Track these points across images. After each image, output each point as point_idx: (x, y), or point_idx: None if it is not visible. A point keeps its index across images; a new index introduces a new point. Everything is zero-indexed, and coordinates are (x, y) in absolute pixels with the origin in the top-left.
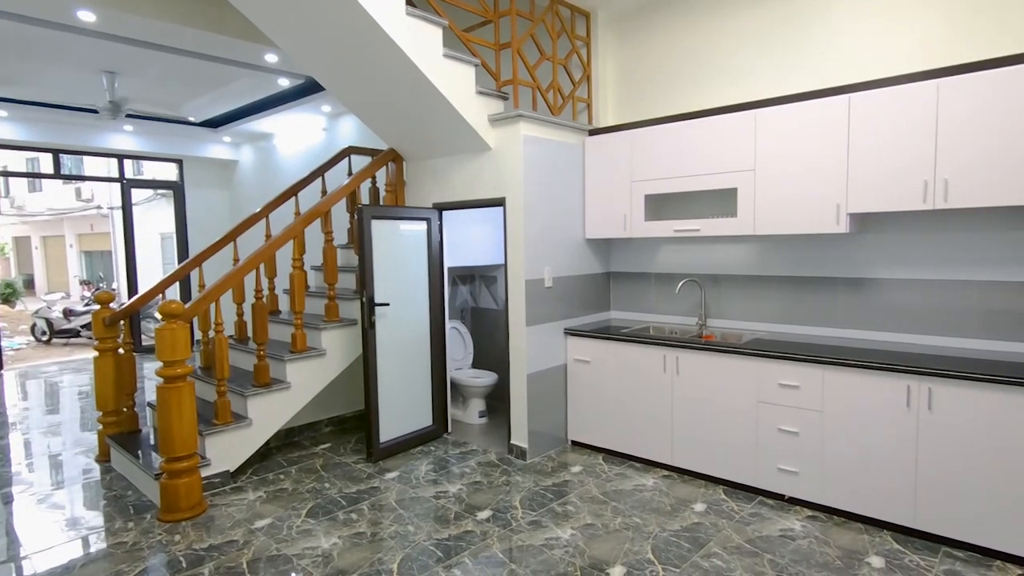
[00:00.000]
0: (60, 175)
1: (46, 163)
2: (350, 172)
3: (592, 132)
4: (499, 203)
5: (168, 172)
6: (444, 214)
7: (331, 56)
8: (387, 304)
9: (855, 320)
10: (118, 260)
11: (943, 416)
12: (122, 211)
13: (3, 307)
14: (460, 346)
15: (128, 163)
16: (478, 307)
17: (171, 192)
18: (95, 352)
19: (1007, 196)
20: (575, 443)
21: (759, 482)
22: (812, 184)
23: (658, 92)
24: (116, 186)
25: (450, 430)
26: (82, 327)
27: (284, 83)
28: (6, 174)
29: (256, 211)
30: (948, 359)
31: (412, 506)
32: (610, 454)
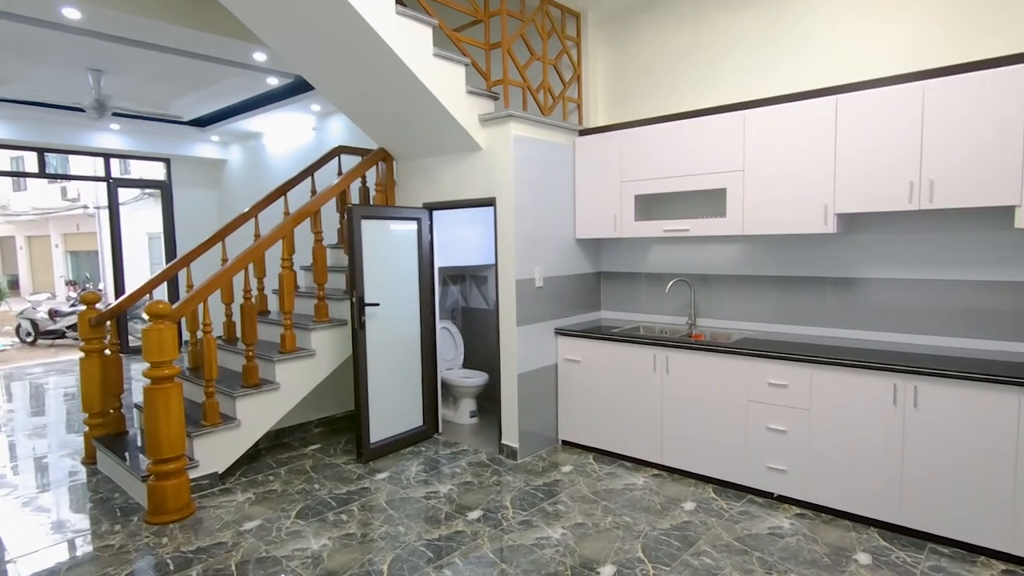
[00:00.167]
0: (45, 174)
1: (31, 162)
2: (340, 172)
3: (582, 132)
4: (489, 203)
5: (156, 171)
6: (434, 214)
7: (320, 55)
8: (377, 304)
9: (843, 319)
10: (105, 260)
11: (929, 414)
12: (109, 211)
13: None
14: (451, 346)
15: (115, 162)
16: (469, 307)
17: (159, 191)
18: (81, 353)
19: (991, 197)
20: (566, 443)
21: (748, 480)
22: (800, 184)
23: (648, 92)
24: (102, 185)
25: (441, 430)
26: (68, 328)
27: (273, 82)
28: None
29: (245, 211)
30: (934, 358)
31: (402, 507)
32: (600, 453)
